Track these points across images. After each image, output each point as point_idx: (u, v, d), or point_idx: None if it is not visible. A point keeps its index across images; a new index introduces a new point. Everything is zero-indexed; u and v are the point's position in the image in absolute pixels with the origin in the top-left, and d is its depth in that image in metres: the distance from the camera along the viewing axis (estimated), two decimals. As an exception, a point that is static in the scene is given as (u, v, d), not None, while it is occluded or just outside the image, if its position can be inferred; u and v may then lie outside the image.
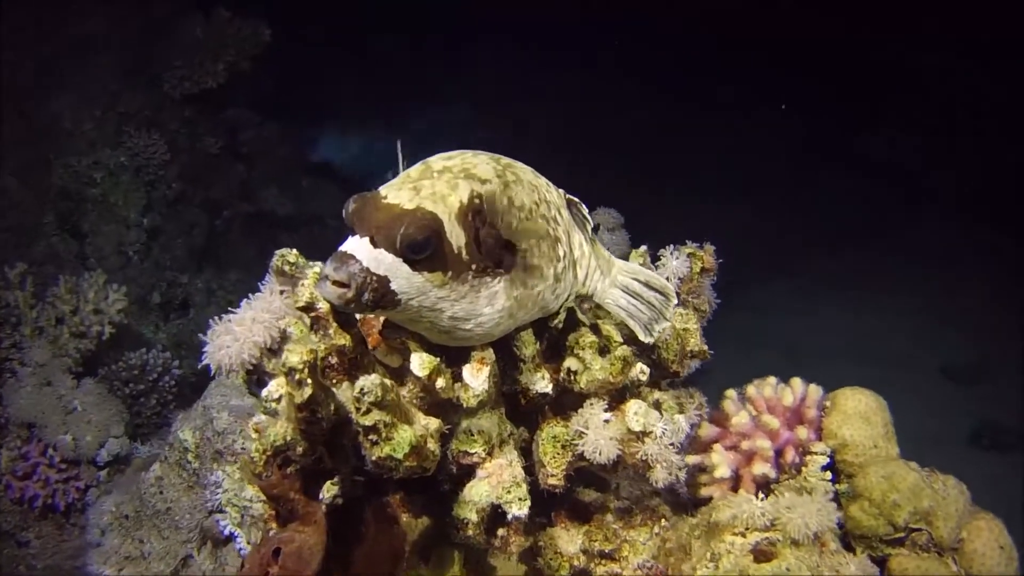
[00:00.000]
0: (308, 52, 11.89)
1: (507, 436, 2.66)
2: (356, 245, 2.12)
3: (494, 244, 2.26)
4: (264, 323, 3.09)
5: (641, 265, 3.09)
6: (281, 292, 3.26)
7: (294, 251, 3.16)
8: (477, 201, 2.22)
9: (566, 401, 2.78)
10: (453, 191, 2.20)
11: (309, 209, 11.37)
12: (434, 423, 2.39)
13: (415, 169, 2.30)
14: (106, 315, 6.12)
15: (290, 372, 2.03)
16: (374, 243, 2.10)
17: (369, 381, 2.14)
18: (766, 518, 2.24)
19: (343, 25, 12.86)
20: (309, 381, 2.04)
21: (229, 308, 3.06)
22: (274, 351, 3.08)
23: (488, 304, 2.30)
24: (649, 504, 2.99)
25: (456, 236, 2.17)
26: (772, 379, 2.86)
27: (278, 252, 3.15)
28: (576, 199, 2.53)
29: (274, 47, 9.35)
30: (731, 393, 2.92)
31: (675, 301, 2.56)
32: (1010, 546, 2.46)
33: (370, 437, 2.20)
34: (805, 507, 2.22)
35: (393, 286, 2.13)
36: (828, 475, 2.63)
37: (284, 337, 3.04)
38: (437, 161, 2.32)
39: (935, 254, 11.24)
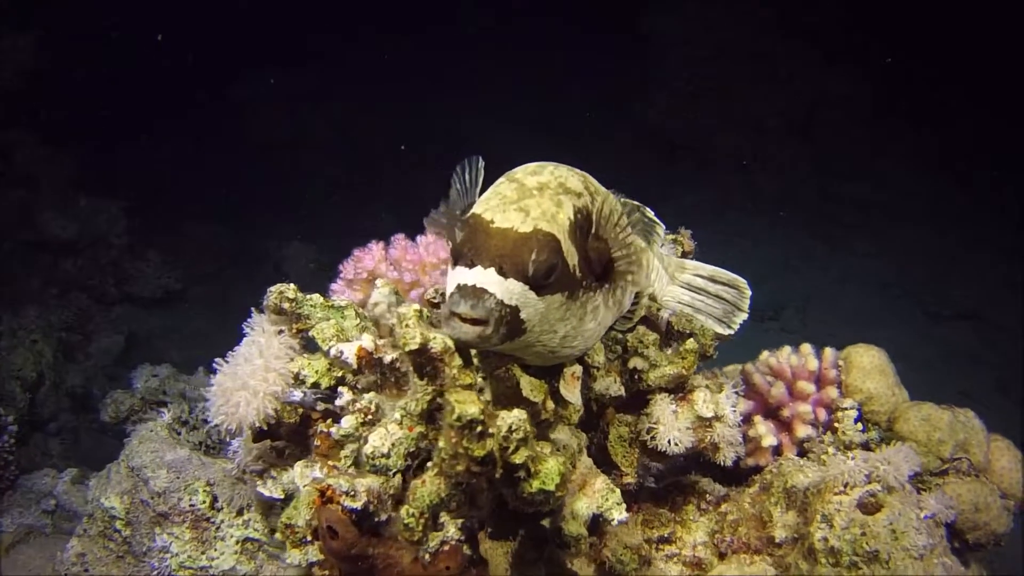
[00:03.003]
0: (82, 67, 10.74)
1: (583, 445, 2.68)
2: (484, 277, 1.99)
3: (598, 258, 2.25)
4: (279, 371, 2.86)
5: None
6: (280, 332, 3.01)
7: (292, 286, 2.94)
8: (580, 216, 2.19)
9: (623, 399, 2.85)
10: (560, 208, 2.13)
11: (90, 231, 10.45)
12: (547, 447, 2.36)
13: (506, 187, 2.19)
14: (-71, 383, 5.20)
15: (470, 424, 1.91)
16: (502, 273, 2.01)
17: (515, 418, 2.06)
18: (862, 473, 2.48)
19: (119, 38, 11.71)
20: (492, 432, 1.93)
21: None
22: (291, 401, 2.86)
23: (592, 318, 2.29)
24: (685, 482, 3.14)
25: (571, 255, 2.13)
26: (788, 348, 3.12)
27: (274, 288, 2.92)
28: (638, 204, 2.57)
29: (45, 63, 8.40)
30: (751, 367, 3.13)
31: (750, 292, 2.70)
32: (1020, 458, 2.93)
33: (517, 475, 2.13)
34: (895, 457, 2.49)
35: (522, 315, 2.05)
36: (860, 427, 2.94)
37: (298, 380, 2.84)
38: (526, 177, 2.22)
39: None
